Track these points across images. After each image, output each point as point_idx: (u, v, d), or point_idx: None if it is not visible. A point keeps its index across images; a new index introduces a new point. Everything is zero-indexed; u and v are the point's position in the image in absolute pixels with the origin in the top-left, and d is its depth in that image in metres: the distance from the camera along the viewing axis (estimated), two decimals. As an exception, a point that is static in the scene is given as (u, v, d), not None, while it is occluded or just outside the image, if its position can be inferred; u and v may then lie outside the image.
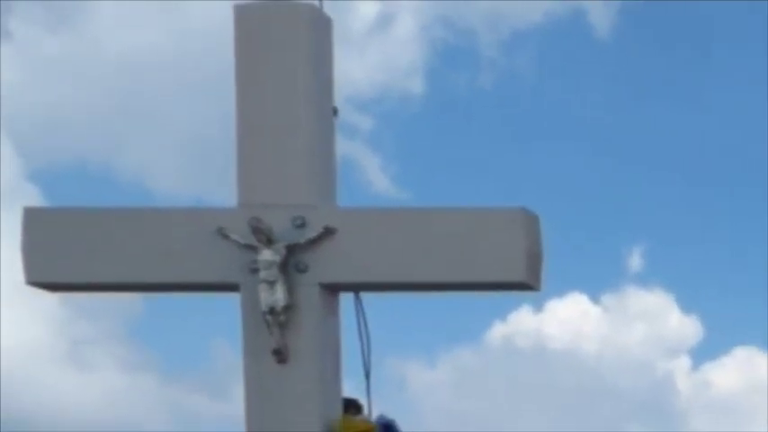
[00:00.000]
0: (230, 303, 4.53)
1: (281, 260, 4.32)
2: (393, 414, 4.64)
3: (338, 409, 4.55)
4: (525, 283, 4.38)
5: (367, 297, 4.69)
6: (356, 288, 4.62)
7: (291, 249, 4.35)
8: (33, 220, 4.47)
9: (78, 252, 4.46)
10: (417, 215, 4.54)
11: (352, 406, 4.59)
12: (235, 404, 4.49)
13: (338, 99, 4.71)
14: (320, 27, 4.56)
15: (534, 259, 4.38)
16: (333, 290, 4.53)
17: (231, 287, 4.45)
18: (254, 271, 4.33)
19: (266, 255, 4.31)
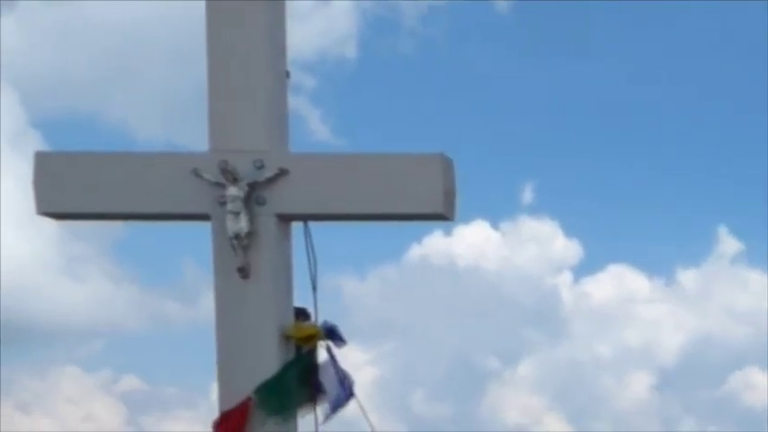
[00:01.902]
0: (200, 229, 4.97)
1: (245, 195, 4.74)
2: (330, 318, 5.05)
3: (291, 317, 4.97)
4: (442, 214, 4.87)
5: (313, 224, 5.07)
6: (305, 218, 4.99)
7: (253, 186, 4.77)
8: (42, 162, 4.91)
9: (78, 188, 4.89)
10: (356, 159, 5.01)
11: (301, 314, 5.00)
12: (202, 310, 4.97)
13: (290, 66, 5.12)
14: (277, 2, 4.95)
15: (450, 196, 4.85)
16: (286, 219, 4.93)
17: (204, 217, 4.88)
18: (223, 204, 4.74)
19: (232, 191, 4.73)
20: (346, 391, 5.09)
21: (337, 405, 5.10)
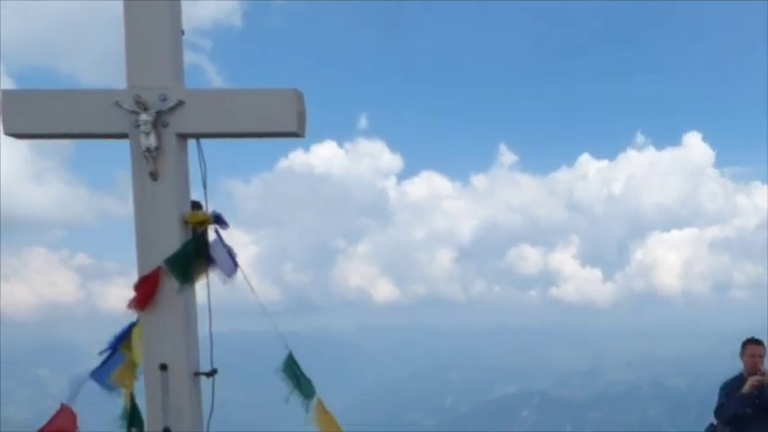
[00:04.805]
0: (126, 146, 5.43)
1: (153, 120, 5.33)
2: (222, 210, 5.56)
3: (188, 207, 5.52)
4: (296, 132, 5.45)
5: (204, 141, 5.57)
6: (197, 136, 5.52)
7: (159, 113, 5.35)
8: (7, 97, 5.45)
9: (35, 115, 5.44)
10: (233, 93, 5.53)
11: (196, 205, 5.55)
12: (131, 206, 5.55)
13: (191, 29, 5.68)
14: (174, -16, 5.53)
15: (301, 118, 5.44)
16: (184, 137, 5.47)
17: (123, 136, 5.42)
18: (137, 126, 5.34)
19: (144, 117, 5.33)
20: (235, 262, 5.68)
21: (230, 272, 5.66)
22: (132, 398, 5.82)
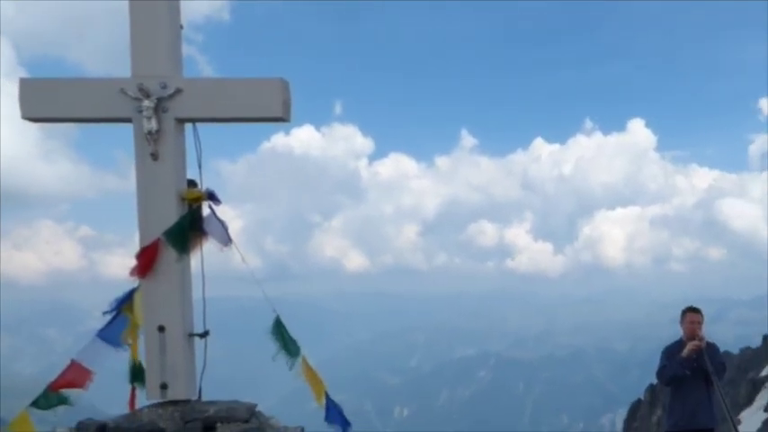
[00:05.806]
0: (128, 129, 5.45)
1: (154, 106, 5.37)
2: (212, 186, 5.58)
3: (185, 185, 5.54)
4: (282, 117, 5.48)
5: (200, 125, 5.57)
6: (194, 121, 5.54)
7: (160, 100, 5.38)
8: (25, 85, 5.49)
9: (48, 101, 5.45)
10: (226, 82, 5.54)
11: (191, 183, 5.56)
12: (132, 182, 5.42)
13: (184, 22, 5.58)
14: (173, -16, 5.54)
15: (286, 105, 5.48)
16: (181, 122, 5.50)
17: (127, 120, 5.44)
18: (140, 111, 5.38)
19: (146, 103, 5.37)
20: (228, 234, 5.69)
21: (225, 243, 5.66)
22: (137, 355, 5.84)
